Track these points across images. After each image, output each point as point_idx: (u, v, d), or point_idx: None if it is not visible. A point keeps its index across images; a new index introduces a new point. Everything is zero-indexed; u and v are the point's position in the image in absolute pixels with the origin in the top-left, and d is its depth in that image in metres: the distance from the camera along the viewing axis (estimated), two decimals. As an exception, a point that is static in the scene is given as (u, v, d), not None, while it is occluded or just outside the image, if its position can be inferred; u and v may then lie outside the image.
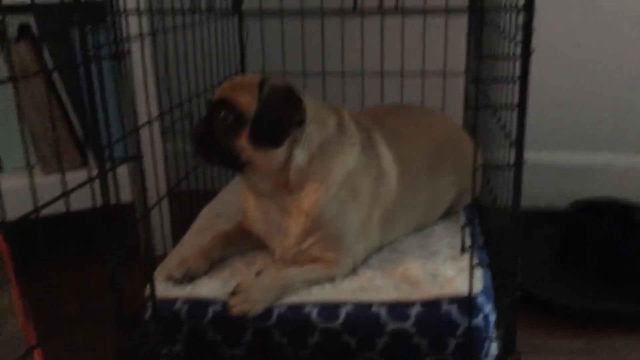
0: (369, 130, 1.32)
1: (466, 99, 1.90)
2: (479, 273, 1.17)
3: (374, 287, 1.18)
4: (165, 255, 1.39)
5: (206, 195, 1.71)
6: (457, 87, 1.90)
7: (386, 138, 1.33)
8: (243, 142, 1.16)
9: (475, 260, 1.06)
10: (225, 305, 1.14)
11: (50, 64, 1.71)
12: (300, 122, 1.18)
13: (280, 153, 1.18)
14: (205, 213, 1.55)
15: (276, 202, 1.24)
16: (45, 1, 1.05)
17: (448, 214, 1.49)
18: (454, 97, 1.88)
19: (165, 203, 1.77)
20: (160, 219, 1.71)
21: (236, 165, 1.20)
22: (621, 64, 1.96)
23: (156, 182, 1.68)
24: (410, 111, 1.51)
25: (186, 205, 1.62)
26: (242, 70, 2.05)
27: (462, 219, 1.48)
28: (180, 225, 1.56)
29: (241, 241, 1.34)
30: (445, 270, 1.19)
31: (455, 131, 1.53)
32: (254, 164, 1.18)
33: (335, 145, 1.23)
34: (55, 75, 1.72)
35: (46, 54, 1.71)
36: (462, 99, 1.92)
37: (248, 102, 1.16)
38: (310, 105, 1.21)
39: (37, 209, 0.90)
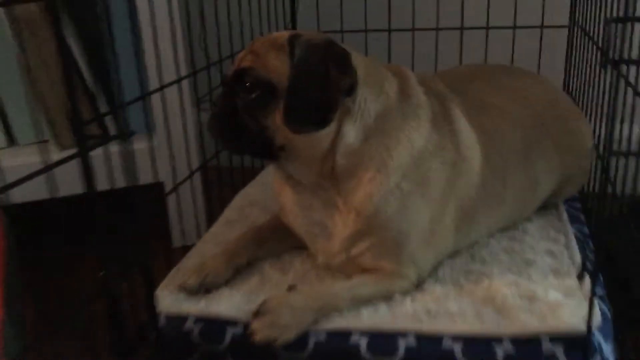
0: (444, 100, 1.00)
1: (569, 54, 1.53)
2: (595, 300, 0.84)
3: (445, 311, 0.87)
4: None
5: (252, 172, 1.44)
6: (558, 40, 1.53)
7: (467, 110, 1.00)
8: (277, 120, 0.87)
9: (600, 291, 0.73)
10: (247, 328, 0.86)
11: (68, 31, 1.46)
12: (351, 89, 0.88)
13: (326, 130, 0.88)
14: (238, 201, 1.28)
15: (319, 196, 0.95)
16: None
17: (545, 207, 1.15)
18: (553, 54, 1.52)
19: (198, 183, 1.52)
20: (192, 200, 1.47)
21: (269, 152, 0.90)
22: None
23: (187, 157, 1.43)
24: (497, 74, 1.17)
25: (225, 184, 1.36)
26: (293, 26, 1.75)
27: (564, 214, 1.14)
28: (218, 209, 1.30)
29: (276, 240, 1.05)
30: (545, 292, 0.87)
31: (559, 99, 1.17)
32: (292, 148, 0.89)
33: (397, 119, 0.92)
34: (72, 41, 1.48)
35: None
36: (563, 56, 1.55)
37: (278, 68, 0.86)
38: (361, 63, 0.90)
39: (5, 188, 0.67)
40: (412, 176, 0.91)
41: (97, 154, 0.85)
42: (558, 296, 0.86)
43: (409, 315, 0.87)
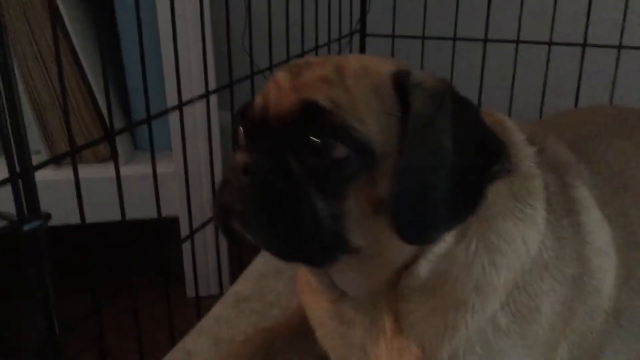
0: (564, 172, 0.64)
1: None
2: None
3: None
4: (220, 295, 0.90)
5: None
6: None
7: (598, 190, 0.65)
8: (363, 206, 0.52)
9: None
10: None
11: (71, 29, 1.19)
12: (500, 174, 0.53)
13: None
14: (257, 265, 0.96)
15: (363, 309, 0.61)
16: None
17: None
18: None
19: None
20: (215, 240, 1.19)
21: (334, 256, 0.54)
22: None
23: (213, 188, 1.15)
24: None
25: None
26: (362, 28, 1.46)
27: None
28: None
29: (294, 352, 0.73)
30: None
31: None
32: (371, 252, 0.55)
33: (505, 201, 0.57)
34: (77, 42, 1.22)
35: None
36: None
37: (381, 123, 0.52)
38: None
39: None
40: (515, 303, 0.56)
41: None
42: None
43: None
